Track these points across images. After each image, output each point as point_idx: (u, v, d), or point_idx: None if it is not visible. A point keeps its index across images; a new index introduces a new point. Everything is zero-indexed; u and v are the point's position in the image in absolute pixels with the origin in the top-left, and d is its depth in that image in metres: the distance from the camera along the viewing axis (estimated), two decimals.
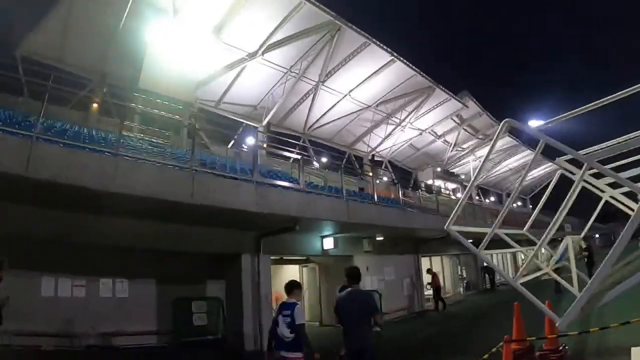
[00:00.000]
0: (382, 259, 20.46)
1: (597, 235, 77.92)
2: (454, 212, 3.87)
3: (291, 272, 21.21)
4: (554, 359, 9.10)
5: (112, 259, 12.66)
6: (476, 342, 12.65)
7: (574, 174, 4.51)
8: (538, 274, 5.20)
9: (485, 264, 30.95)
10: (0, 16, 15.35)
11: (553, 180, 5.41)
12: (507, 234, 5.02)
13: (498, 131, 3.65)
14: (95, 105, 19.36)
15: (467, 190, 4.01)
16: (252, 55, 20.50)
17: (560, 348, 9.40)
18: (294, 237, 15.60)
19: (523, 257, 41.33)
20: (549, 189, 5.54)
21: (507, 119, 3.41)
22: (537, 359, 9.26)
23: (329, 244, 17.27)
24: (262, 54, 20.52)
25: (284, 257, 18.84)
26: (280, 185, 13.70)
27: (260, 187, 11.90)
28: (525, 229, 5.93)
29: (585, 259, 22.66)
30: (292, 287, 7.95)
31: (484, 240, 3.84)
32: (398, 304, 20.92)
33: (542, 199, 5.59)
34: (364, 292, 7.96)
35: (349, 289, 7.73)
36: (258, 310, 14.13)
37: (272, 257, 15.76)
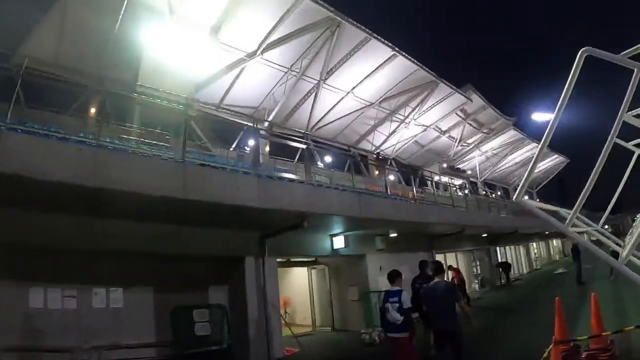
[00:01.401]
0: (395, 257, 18.75)
1: (606, 227, 76.88)
2: (522, 183, 3.32)
3: (299, 275, 19.96)
4: (604, 358, 7.74)
5: (105, 266, 11.27)
6: (511, 344, 11.36)
7: None
8: None
9: (499, 260, 30.08)
10: None
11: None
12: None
13: (575, 65, 2.92)
14: (92, 110, 18.30)
15: (536, 155, 3.41)
16: (251, 55, 19.30)
17: (610, 347, 8.03)
18: (302, 237, 14.24)
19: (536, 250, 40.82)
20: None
21: (585, 47, 2.83)
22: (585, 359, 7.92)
23: (339, 243, 15.87)
24: (262, 53, 19.32)
25: (291, 260, 17.45)
26: (284, 178, 12.49)
27: (263, 180, 10.58)
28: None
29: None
30: (394, 276, 8.90)
31: (572, 214, 3.28)
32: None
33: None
34: (447, 282, 9.23)
35: (436, 279, 8.48)
36: (265, 317, 12.69)
37: (278, 260, 14.38)
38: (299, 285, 20.14)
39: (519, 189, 3.31)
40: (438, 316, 8.21)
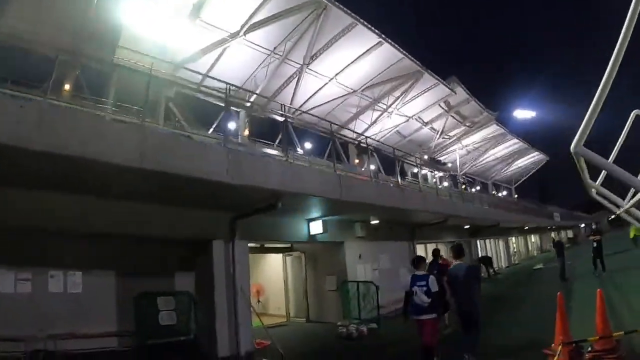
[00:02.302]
0: (375, 246, 18.13)
1: (582, 225, 77.98)
2: (583, 127, 2.86)
3: (274, 261, 18.91)
4: None
5: (63, 247, 10.13)
6: (501, 343, 10.16)
7: None
8: None
9: (480, 254, 29.85)
10: None
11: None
12: None
13: None
14: (67, 86, 17.13)
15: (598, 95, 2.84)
16: (233, 36, 18.14)
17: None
18: (276, 220, 13.23)
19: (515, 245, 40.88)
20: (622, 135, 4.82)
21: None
22: None
23: (316, 228, 14.73)
24: (244, 34, 18.15)
25: (265, 245, 16.46)
26: (258, 153, 11.36)
27: (234, 153, 9.39)
28: None
29: (595, 243, 21.18)
30: (419, 261, 9.14)
31: None
32: (394, 295, 18.45)
33: None
34: (469, 266, 9.43)
35: (457, 262, 9.09)
36: (234, 307, 11.43)
37: (250, 245, 13.27)
38: (273, 272, 19.09)
39: (578, 134, 2.90)
40: (458, 297, 8.74)
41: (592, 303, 8.31)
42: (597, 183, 5.22)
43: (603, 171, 3.73)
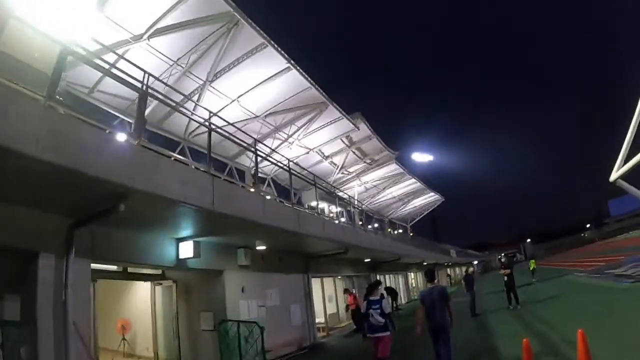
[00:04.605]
0: (263, 278, 16.09)
1: (475, 262, 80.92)
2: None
3: (143, 292, 15.98)
4: None
5: None
6: None
7: None
8: None
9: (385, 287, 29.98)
10: None
11: None
12: None
13: None
14: None
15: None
16: (136, 38, 16.15)
17: None
18: (135, 236, 10.55)
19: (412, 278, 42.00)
20: None
21: None
22: None
23: (186, 251, 12.06)
24: (149, 38, 16.23)
25: (129, 270, 13.37)
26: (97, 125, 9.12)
27: (57, 116, 6.79)
28: None
29: (506, 277, 21.33)
30: (373, 287, 11.01)
31: None
32: (285, 337, 16.73)
33: None
34: (440, 287, 10.37)
35: (430, 285, 10.13)
36: (65, 348, 8.36)
37: (105, 267, 10.73)
38: (142, 305, 16.14)
39: None
40: (434, 313, 9.62)
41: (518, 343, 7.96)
42: None
43: None
